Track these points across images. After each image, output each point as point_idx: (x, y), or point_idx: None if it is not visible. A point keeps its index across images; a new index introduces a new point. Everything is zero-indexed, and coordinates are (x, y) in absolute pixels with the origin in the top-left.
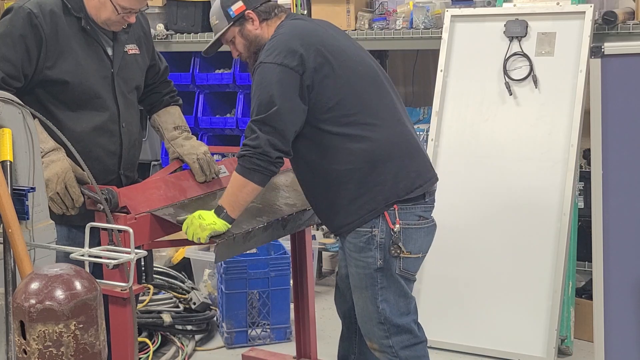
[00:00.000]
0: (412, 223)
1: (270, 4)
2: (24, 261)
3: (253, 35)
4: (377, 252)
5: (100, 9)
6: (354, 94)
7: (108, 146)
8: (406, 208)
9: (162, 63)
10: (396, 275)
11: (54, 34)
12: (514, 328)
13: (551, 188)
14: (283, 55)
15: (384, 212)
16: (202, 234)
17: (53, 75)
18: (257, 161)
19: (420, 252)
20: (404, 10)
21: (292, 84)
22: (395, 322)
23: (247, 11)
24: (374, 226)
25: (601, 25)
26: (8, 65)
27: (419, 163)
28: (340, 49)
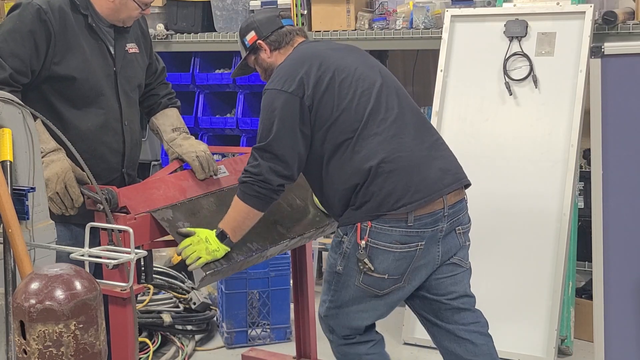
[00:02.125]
0: (381, 244)
1: (282, 31)
2: (24, 261)
3: (267, 64)
4: (339, 258)
5: (119, 10)
6: (349, 112)
7: (112, 144)
8: (380, 228)
9: (160, 64)
10: (354, 287)
11: (62, 30)
12: (514, 328)
13: (551, 188)
14: (283, 80)
15: (358, 224)
16: (206, 257)
17: (60, 71)
18: (258, 188)
19: (387, 274)
20: (404, 10)
21: (292, 108)
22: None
23: (259, 41)
24: (347, 233)
25: (601, 25)
26: (17, 61)
27: (409, 179)
28: (342, 67)
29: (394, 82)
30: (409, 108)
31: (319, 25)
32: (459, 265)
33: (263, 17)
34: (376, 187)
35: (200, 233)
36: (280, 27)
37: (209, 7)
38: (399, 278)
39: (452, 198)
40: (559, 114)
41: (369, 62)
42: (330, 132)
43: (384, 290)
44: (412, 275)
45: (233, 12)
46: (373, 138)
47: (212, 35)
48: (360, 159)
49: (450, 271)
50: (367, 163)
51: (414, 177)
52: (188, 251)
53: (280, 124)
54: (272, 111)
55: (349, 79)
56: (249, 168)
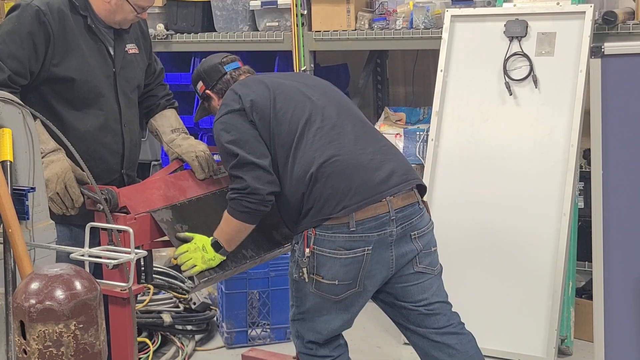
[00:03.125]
0: (327, 251)
1: (226, 78)
2: (24, 261)
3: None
4: (294, 267)
5: (115, 11)
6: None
7: (111, 145)
8: (324, 235)
9: (158, 64)
10: (310, 293)
11: (61, 31)
12: (514, 328)
13: (551, 188)
14: (225, 105)
15: (304, 232)
16: (201, 266)
17: (60, 73)
18: (247, 203)
19: (336, 280)
20: (404, 10)
21: (242, 120)
22: (298, 329)
23: (207, 91)
24: (297, 242)
25: (601, 25)
26: (16, 63)
27: (352, 181)
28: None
29: (336, 96)
30: (349, 118)
31: (319, 25)
32: (424, 272)
33: (207, 67)
34: (317, 193)
35: (197, 240)
36: (223, 75)
37: (209, 7)
38: (352, 283)
39: (399, 202)
40: (559, 114)
41: (310, 81)
42: (275, 147)
43: (339, 295)
44: (367, 280)
45: (233, 12)
46: (310, 146)
47: (212, 35)
48: (300, 169)
49: (416, 279)
50: (307, 171)
51: (355, 179)
52: (184, 258)
53: (239, 136)
54: (228, 132)
55: (283, 94)
56: (234, 185)
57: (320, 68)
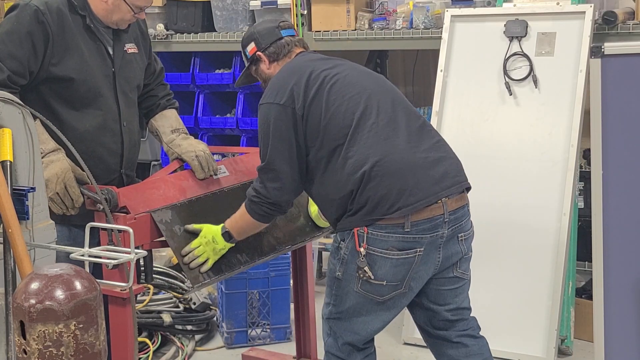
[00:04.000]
0: (378, 250)
1: (281, 43)
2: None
3: (265, 75)
4: (338, 264)
5: (113, 11)
6: (338, 118)
7: (110, 145)
8: (377, 234)
9: (158, 64)
10: (354, 292)
11: (60, 31)
12: (514, 328)
13: (551, 188)
14: (275, 93)
15: (355, 230)
16: (214, 257)
17: (58, 72)
18: (266, 209)
19: (385, 280)
20: (404, 10)
21: (285, 120)
22: (334, 328)
23: (258, 53)
24: (344, 239)
25: (601, 25)
26: (15, 63)
27: (405, 183)
28: (332, 74)
29: (389, 88)
30: (404, 112)
31: (319, 25)
32: (461, 278)
33: (263, 28)
34: (371, 192)
35: (207, 232)
36: (279, 39)
37: (209, 7)
38: (399, 284)
39: (453, 203)
40: (559, 114)
41: (362, 69)
42: (323, 140)
43: (384, 296)
44: (413, 281)
45: (233, 12)
46: (365, 142)
47: (212, 35)
48: (352, 165)
49: (453, 284)
50: (360, 168)
51: (409, 180)
52: (198, 252)
53: (275, 137)
54: (267, 126)
55: (337, 84)
56: (258, 188)
57: None
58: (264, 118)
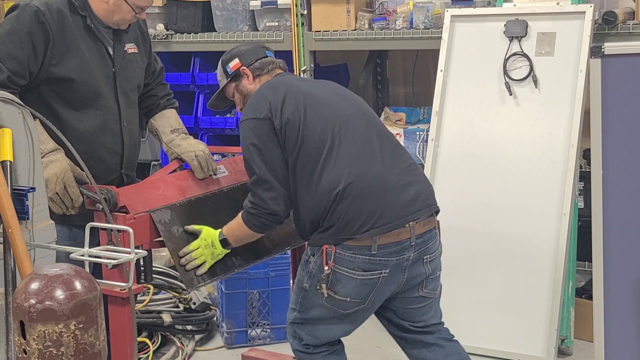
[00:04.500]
0: (344, 270)
1: (266, 60)
2: (24, 261)
3: (247, 90)
4: (306, 276)
5: (114, 12)
6: (314, 135)
7: (111, 145)
8: (344, 254)
9: (158, 64)
10: (319, 304)
11: (60, 31)
12: (514, 328)
13: (551, 188)
14: (254, 108)
15: (324, 247)
16: (211, 262)
17: (59, 73)
18: (264, 220)
19: (349, 297)
20: (404, 10)
21: (266, 133)
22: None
23: (242, 68)
24: (313, 254)
25: (601, 25)
26: (15, 63)
27: (377, 204)
28: (310, 93)
29: (365, 110)
30: (377, 135)
31: (319, 25)
32: (427, 297)
33: (248, 47)
34: (342, 212)
35: (206, 236)
36: (264, 56)
37: (209, 7)
38: (362, 301)
39: (420, 227)
40: (559, 114)
41: (339, 91)
42: (299, 156)
43: (348, 310)
44: (376, 299)
45: (233, 12)
46: (340, 162)
47: (212, 35)
48: (327, 183)
49: (419, 302)
50: (334, 188)
51: (380, 202)
52: (197, 254)
53: (261, 151)
54: (249, 141)
55: (315, 104)
56: (254, 200)
57: (320, 68)
58: (246, 134)
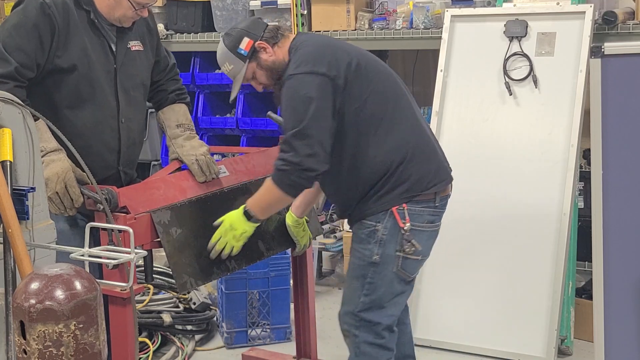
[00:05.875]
0: (417, 225)
1: (272, 27)
2: (24, 261)
3: (271, 62)
4: (376, 247)
5: (114, 7)
6: (378, 94)
7: (108, 142)
8: (414, 209)
9: (170, 59)
10: (391, 274)
11: (65, 24)
12: (514, 328)
13: (551, 188)
14: (312, 63)
15: (393, 209)
16: (237, 244)
17: (62, 64)
18: (296, 178)
19: (421, 255)
20: (404, 10)
21: (325, 90)
22: (367, 317)
23: (257, 43)
24: (379, 221)
25: (601, 25)
26: (22, 55)
27: (435, 163)
28: (362, 54)
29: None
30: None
31: (319, 25)
32: None
33: (248, 23)
34: (413, 170)
35: (225, 221)
36: (266, 25)
37: (209, 7)
38: (425, 257)
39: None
40: (559, 114)
41: None
42: (361, 113)
43: (414, 274)
44: None
45: (233, 12)
46: (404, 122)
47: (212, 35)
48: (395, 141)
49: None
50: (404, 145)
51: (435, 160)
52: (220, 245)
53: (315, 105)
54: (305, 94)
55: (372, 64)
56: (288, 157)
57: None
58: (302, 85)
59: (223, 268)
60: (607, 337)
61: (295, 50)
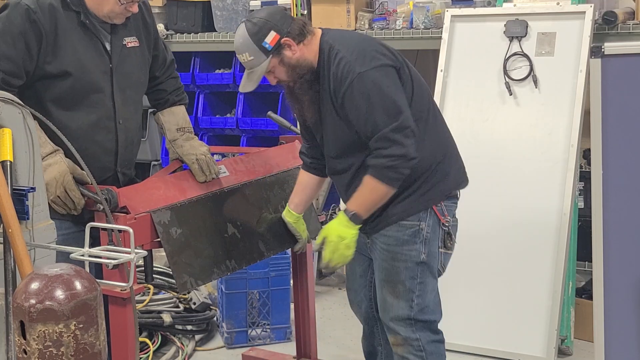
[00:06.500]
0: (451, 219)
1: (299, 22)
2: (24, 261)
3: (295, 60)
4: (422, 246)
5: (101, 3)
6: (419, 92)
7: (104, 143)
8: (448, 205)
9: (168, 55)
10: (435, 272)
11: (53, 29)
12: (514, 328)
13: (551, 188)
14: (374, 58)
15: (433, 206)
16: (350, 252)
17: (52, 70)
18: (404, 170)
19: (452, 249)
20: (404, 10)
21: (397, 80)
22: (424, 318)
23: (283, 39)
24: (421, 220)
25: (601, 25)
26: (8, 64)
27: (461, 160)
28: None
29: None
30: None
31: (319, 25)
32: None
33: (275, 15)
34: (450, 167)
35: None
36: (293, 19)
37: (209, 7)
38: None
39: None
40: (559, 114)
41: None
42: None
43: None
44: None
45: (233, 12)
46: (439, 121)
47: (212, 35)
48: (434, 140)
49: None
50: (441, 144)
51: (460, 158)
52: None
53: (399, 96)
54: (387, 88)
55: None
56: (393, 152)
57: None
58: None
59: (223, 268)
60: (607, 337)
61: (331, 49)
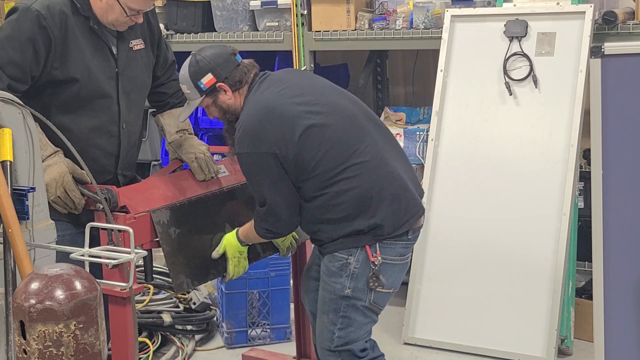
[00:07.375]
0: (389, 258)
1: (240, 69)
2: (24, 261)
3: (226, 105)
4: (347, 281)
5: (107, 11)
6: (334, 147)
7: (106, 147)
8: (387, 244)
9: (170, 55)
10: (362, 308)
11: (63, 34)
12: (514, 328)
13: (551, 188)
14: (253, 142)
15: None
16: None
17: (60, 76)
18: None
19: (392, 288)
20: (404, 10)
21: (272, 166)
22: (347, 348)
23: (219, 83)
24: (351, 254)
25: (601, 25)
26: (15, 69)
27: (406, 199)
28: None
29: (355, 100)
30: (380, 126)
31: (319, 25)
32: None
33: (215, 56)
34: (381, 214)
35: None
36: (237, 65)
37: (209, 7)
38: (395, 290)
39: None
40: (559, 114)
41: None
42: (317, 171)
43: (383, 307)
44: None
45: (233, 12)
46: (365, 167)
47: (212, 35)
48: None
49: None
50: (368, 191)
51: (404, 197)
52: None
53: (269, 183)
54: (256, 174)
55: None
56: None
57: (320, 68)
58: (249, 167)
59: (220, 269)
60: (607, 337)
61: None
